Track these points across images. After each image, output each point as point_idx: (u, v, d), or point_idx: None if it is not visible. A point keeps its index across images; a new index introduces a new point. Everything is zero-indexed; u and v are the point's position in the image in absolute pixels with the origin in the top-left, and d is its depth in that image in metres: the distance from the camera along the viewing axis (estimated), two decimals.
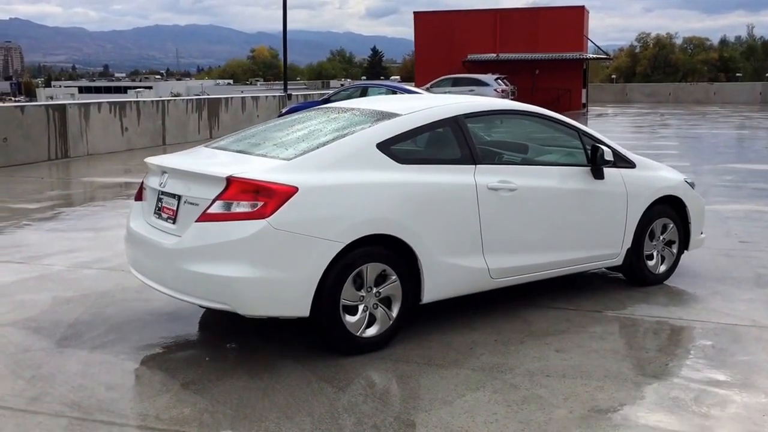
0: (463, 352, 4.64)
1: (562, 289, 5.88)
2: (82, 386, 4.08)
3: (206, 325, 5.14)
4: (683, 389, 4.09)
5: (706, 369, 4.39)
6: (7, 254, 7.08)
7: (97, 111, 15.86)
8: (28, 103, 16.02)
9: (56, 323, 5.08)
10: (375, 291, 4.54)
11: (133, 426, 3.63)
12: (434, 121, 5.02)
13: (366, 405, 3.89)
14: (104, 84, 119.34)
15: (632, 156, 5.96)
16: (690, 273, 6.45)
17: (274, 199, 4.19)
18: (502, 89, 30.95)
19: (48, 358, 4.47)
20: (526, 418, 3.74)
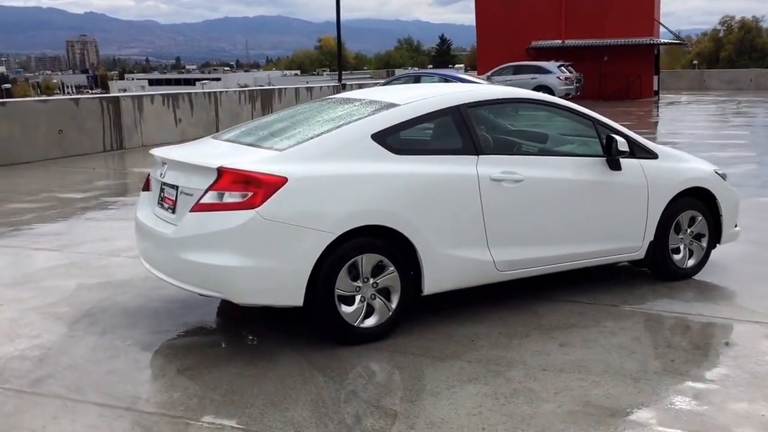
0: (464, 344, 4.59)
1: (583, 283, 5.75)
2: (84, 369, 4.21)
3: (220, 314, 5.21)
4: (683, 388, 3.96)
5: (713, 368, 4.24)
6: (45, 242, 7.34)
7: (150, 103, 16.25)
8: (81, 96, 16.51)
9: (74, 309, 5.25)
10: (372, 282, 4.53)
11: (122, 408, 3.73)
12: (434, 111, 4.97)
13: (352, 394, 3.90)
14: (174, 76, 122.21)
15: (654, 146, 5.77)
16: (726, 267, 6.23)
17: (264, 190, 4.23)
18: (566, 77, 30.38)
19: (58, 342, 4.62)
20: (510, 411, 3.69)
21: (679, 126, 21.61)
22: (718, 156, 13.08)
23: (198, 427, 3.54)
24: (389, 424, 3.57)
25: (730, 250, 6.48)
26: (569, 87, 30.04)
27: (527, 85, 29.02)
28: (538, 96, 5.65)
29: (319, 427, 3.53)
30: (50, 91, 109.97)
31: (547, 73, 29.72)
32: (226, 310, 5.21)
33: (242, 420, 3.61)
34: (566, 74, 30.23)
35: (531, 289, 5.56)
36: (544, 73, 29.67)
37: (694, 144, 16.17)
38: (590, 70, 35.53)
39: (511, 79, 29.45)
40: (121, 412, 3.69)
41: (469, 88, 5.60)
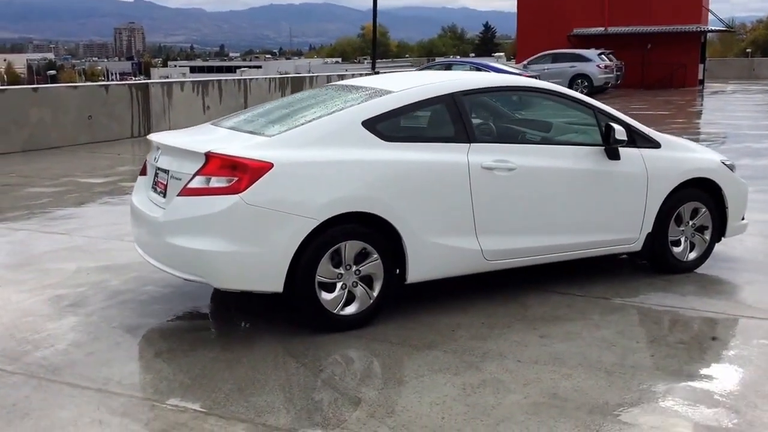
0: (444, 333, 4.57)
1: (578, 275, 5.68)
2: (65, 351, 4.30)
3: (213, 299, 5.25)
4: (656, 383, 3.88)
5: (693, 363, 4.15)
6: (56, 225, 7.49)
7: (180, 90, 16.43)
8: (111, 83, 16.77)
9: (68, 291, 5.35)
10: (355, 269, 4.53)
11: (93, 389, 3.79)
12: (427, 98, 4.93)
13: (320, 381, 3.92)
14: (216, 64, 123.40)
15: (657, 135, 5.65)
16: (732, 260, 6.11)
17: (248, 175, 4.25)
18: (606, 65, 29.84)
19: (46, 324, 4.72)
20: (474, 402, 3.67)
21: (718, 116, 21.09)
22: (752, 147, 12.74)
23: (162, 409, 3.59)
24: (350, 411, 3.58)
25: (736, 244, 6.33)
26: (609, 75, 29.56)
27: (565, 74, 28.74)
28: (536, 84, 5.57)
29: (280, 412, 3.56)
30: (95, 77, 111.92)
31: (587, 61, 29.24)
32: (218, 296, 5.25)
33: (206, 404, 3.65)
34: (606, 62, 29.70)
35: (523, 279, 5.51)
36: (584, 62, 29.20)
37: (730, 134, 15.81)
38: (633, 58, 34.87)
39: (549, 67, 29.09)
40: (91, 393, 3.76)
41: (464, 75, 5.54)
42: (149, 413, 3.55)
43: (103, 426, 3.43)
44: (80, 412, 3.55)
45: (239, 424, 3.45)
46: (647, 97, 28.10)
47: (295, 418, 3.51)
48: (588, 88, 28.16)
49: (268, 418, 3.50)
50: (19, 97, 13.43)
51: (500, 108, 5.64)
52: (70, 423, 3.45)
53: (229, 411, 3.57)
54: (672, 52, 36.45)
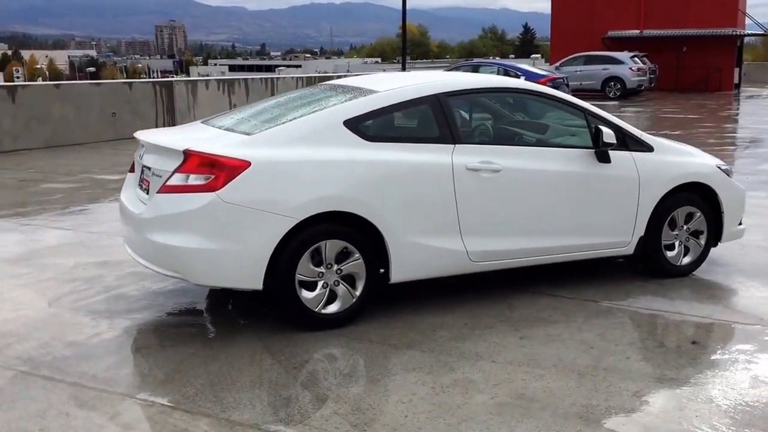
0: (424, 333, 4.58)
1: (570, 277, 5.65)
2: (47, 344, 4.40)
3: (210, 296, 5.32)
4: (626, 385, 3.86)
5: (667, 368, 4.10)
6: (63, 221, 7.66)
7: (205, 88, 16.64)
8: (136, 80, 17.02)
9: (61, 286, 5.48)
10: (336, 268, 4.57)
11: (67, 383, 3.88)
12: (412, 99, 4.94)
13: (292, 378, 3.96)
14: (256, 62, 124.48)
15: (651, 139, 5.58)
16: (730, 264, 6.04)
17: (225, 173, 4.31)
18: (639, 68, 29.46)
19: (34, 317, 4.84)
20: (441, 401, 3.68)
21: (748, 120, 20.75)
22: None
23: (130, 403, 3.67)
24: (316, 408, 3.62)
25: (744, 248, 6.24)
26: (642, 78, 29.18)
27: (598, 76, 28.48)
28: (525, 86, 5.55)
29: (246, 408, 3.61)
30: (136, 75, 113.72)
31: (619, 63, 28.89)
32: (215, 293, 5.29)
33: (174, 398, 3.71)
34: (639, 65, 29.32)
35: (514, 280, 5.51)
36: (616, 64, 28.86)
37: (756, 138, 15.55)
38: (667, 62, 34.38)
39: (582, 69, 28.85)
40: (64, 386, 3.85)
41: (451, 76, 5.54)
42: (117, 407, 3.62)
43: (70, 418, 3.51)
44: (50, 405, 3.64)
45: (203, 419, 3.51)
46: (681, 101, 27.67)
47: (260, 414, 3.56)
48: (621, 91, 27.88)
49: (232, 414, 3.55)
50: (42, 94, 13.73)
51: (488, 109, 5.63)
52: (38, 415, 3.54)
53: (196, 406, 3.63)
54: (707, 55, 35.84)
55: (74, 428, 3.42)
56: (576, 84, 27.72)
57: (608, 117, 5.46)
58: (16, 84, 14.14)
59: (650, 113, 22.82)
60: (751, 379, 3.96)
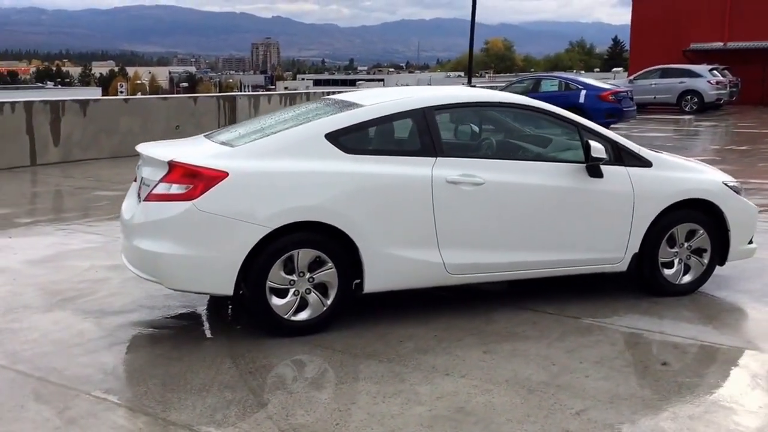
0: (391, 344, 4.61)
1: (565, 293, 5.56)
2: (34, 341, 4.65)
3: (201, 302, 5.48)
4: (572, 402, 3.79)
5: (625, 387, 4.00)
6: (97, 226, 8.04)
7: (267, 102, 17.10)
8: (200, 95, 17.62)
9: (68, 287, 5.76)
10: (308, 276, 4.65)
11: (35, 378, 4.11)
12: (396, 113, 5.00)
13: (242, 382, 4.06)
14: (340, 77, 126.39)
15: (649, 154, 5.44)
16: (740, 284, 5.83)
17: (203, 183, 4.48)
18: (718, 81, 28.39)
19: (32, 316, 5.11)
20: (377, 410, 3.71)
21: None
22: None
23: (82, 399, 3.84)
24: (253, 411, 3.71)
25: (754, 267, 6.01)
26: (721, 92, 28.09)
27: (674, 90, 27.63)
28: (515, 99, 5.48)
29: (186, 409, 3.73)
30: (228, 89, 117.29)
31: (697, 77, 27.90)
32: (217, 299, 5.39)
33: (124, 396, 3.88)
34: (718, 78, 28.26)
35: (501, 294, 5.48)
36: (694, 77, 27.88)
37: None
38: (752, 75, 32.99)
39: (657, 83, 28.03)
40: (32, 381, 4.07)
41: (438, 90, 5.56)
42: (69, 402, 3.81)
43: (23, 410, 3.72)
44: (10, 397, 3.86)
45: (142, 417, 3.65)
46: (763, 115, 26.53)
47: (197, 415, 3.67)
48: (698, 105, 26.95)
49: (171, 414, 3.68)
50: (111, 108, 14.42)
51: (477, 123, 5.62)
52: None
53: (141, 404, 3.78)
54: None
55: (22, 420, 3.62)
56: (650, 98, 27.02)
57: (602, 131, 5.36)
58: (87, 98, 14.87)
59: (724, 128, 22.00)
60: (709, 404, 3.81)
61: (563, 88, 18.98)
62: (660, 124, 22.79)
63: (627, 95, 19.06)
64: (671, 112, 26.99)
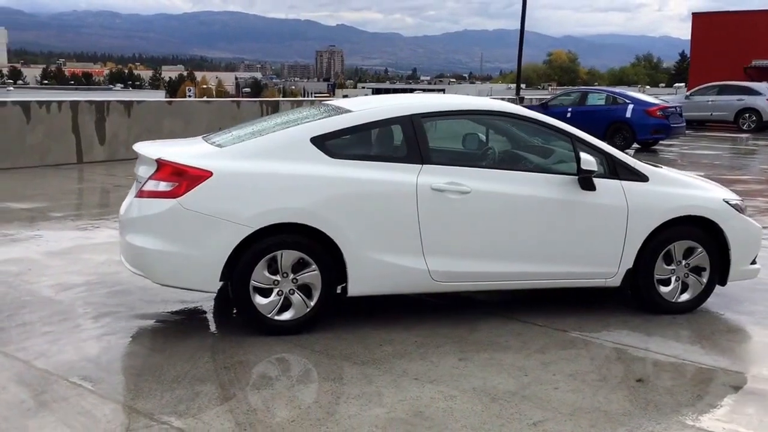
0: (370, 347, 4.67)
1: (557, 305, 5.56)
2: (27, 328, 4.86)
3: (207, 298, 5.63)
4: (531, 412, 3.79)
5: (592, 401, 3.97)
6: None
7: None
8: (243, 99, 17.97)
9: (78, 278, 6.00)
10: (292, 277, 4.75)
11: (22, 361, 4.30)
12: (384, 119, 5.08)
13: (214, 376, 4.17)
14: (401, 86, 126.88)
15: (646, 169, 5.38)
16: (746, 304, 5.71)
17: (188, 181, 4.62)
18: None
19: (36, 305, 5.33)
20: (336, 410, 3.78)
21: None
22: None
23: (59, 385, 4.01)
24: (216, 404, 3.81)
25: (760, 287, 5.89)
26: None
27: (731, 107, 26.96)
28: (506, 108, 5.44)
29: (153, 398, 3.86)
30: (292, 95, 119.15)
31: (756, 94, 27.14)
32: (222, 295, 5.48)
33: (99, 385, 4.01)
34: None
35: (493, 303, 5.48)
36: (753, 95, 27.13)
37: None
38: None
39: (715, 99, 27.38)
40: (18, 365, 4.26)
41: (428, 98, 5.62)
42: (46, 386, 3.98)
43: (3, 392, 3.91)
44: None
45: (110, 404, 3.80)
46: None
47: (163, 405, 3.79)
48: (756, 123, 26.23)
49: (138, 402, 3.82)
50: (155, 109, 14.86)
51: (469, 132, 5.64)
52: None
53: (112, 392, 3.93)
54: None
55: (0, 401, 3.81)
56: (707, 114, 26.42)
57: (597, 144, 5.33)
58: (131, 100, 15.36)
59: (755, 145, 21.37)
60: (672, 422, 3.77)
61: (610, 102, 18.71)
62: (713, 141, 22.26)
63: (676, 111, 18.70)
64: (728, 130, 26.33)
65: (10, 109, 13.11)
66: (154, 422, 3.60)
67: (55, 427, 3.54)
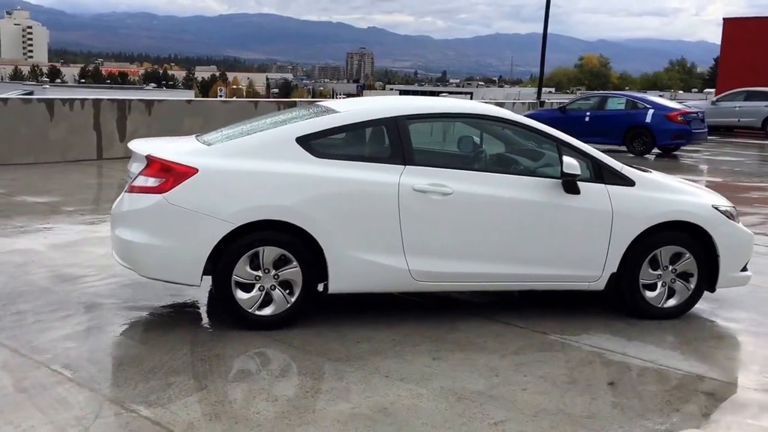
0: (347, 344, 4.74)
1: (543, 308, 5.59)
2: (20, 313, 5.04)
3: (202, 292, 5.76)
4: (494, 414, 3.84)
5: (558, 403, 4.01)
6: None
7: None
8: (261, 99, 18.14)
9: (76, 270, 6.15)
10: (273, 273, 4.85)
11: (9, 349, 4.44)
12: (368, 120, 5.16)
13: (190, 368, 4.28)
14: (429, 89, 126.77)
15: (633, 173, 5.39)
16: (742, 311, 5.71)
17: (174, 177, 4.75)
18: None
19: (31, 293, 5.49)
20: (302, 404, 3.87)
21: None
22: None
23: (41, 371, 4.14)
24: (186, 395, 3.91)
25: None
26: None
27: (759, 113, 26.57)
28: (491, 112, 5.49)
29: (127, 388, 3.98)
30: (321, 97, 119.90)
31: None
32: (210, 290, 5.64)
33: (78, 374, 4.13)
34: None
35: (477, 304, 5.53)
36: None
37: None
38: None
39: (741, 105, 26.98)
40: (5, 352, 4.40)
41: (414, 100, 5.70)
42: (28, 373, 4.11)
43: None
44: None
45: (86, 392, 3.91)
46: None
47: (135, 394, 3.90)
48: None
49: (112, 391, 3.94)
50: (175, 108, 15.09)
51: (456, 134, 5.69)
52: None
53: (89, 381, 4.05)
54: None
55: None
56: (734, 120, 26.09)
57: (583, 147, 5.35)
58: (152, 99, 15.61)
59: None
60: (634, 425, 3.79)
61: (629, 106, 18.56)
62: (738, 147, 21.98)
63: (697, 116, 18.49)
64: (756, 137, 25.96)
65: (35, 107, 13.43)
66: (124, 410, 3.71)
67: (28, 413, 3.66)
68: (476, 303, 5.69)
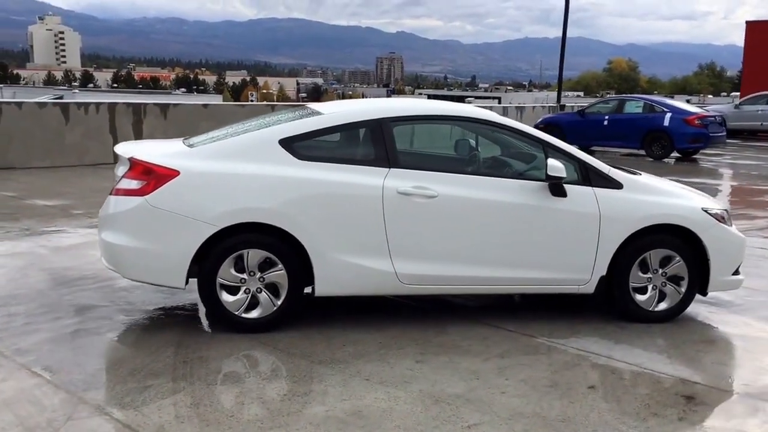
0: (333, 347, 4.75)
1: (533, 311, 5.56)
2: (11, 315, 5.12)
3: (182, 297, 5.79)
4: (467, 417, 3.82)
5: (535, 407, 3.97)
6: None
7: None
8: (278, 103, 18.24)
9: (74, 273, 6.24)
10: (259, 276, 4.87)
11: None
12: (352, 122, 5.16)
13: (171, 371, 4.29)
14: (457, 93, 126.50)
15: (621, 176, 5.32)
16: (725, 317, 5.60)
17: (155, 179, 4.79)
18: None
19: (26, 296, 5.57)
20: (278, 407, 3.87)
21: None
22: None
23: (23, 373, 4.20)
24: (161, 398, 3.93)
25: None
26: None
27: None
28: (477, 114, 5.46)
29: (104, 390, 4.02)
30: None
31: None
32: None
33: (58, 376, 4.17)
34: None
35: (469, 309, 5.50)
36: None
37: None
38: None
39: (764, 109, 26.60)
40: None
41: (399, 102, 5.69)
42: (9, 375, 4.17)
43: None
44: None
45: (62, 394, 3.95)
46: None
47: (111, 396, 3.94)
48: None
49: (89, 393, 3.97)
50: (191, 112, 15.28)
51: (439, 136, 5.67)
52: None
53: (68, 383, 4.08)
54: None
55: None
56: (756, 124, 25.71)
57: (570, 150, 5.30)
58: (167, 102, 15.79)
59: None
60: (610, 429, 3.74)
61: (647, 110, 18.35)
62: (759, 151, 21.62)
63: (716, 120, 18.26)
64: None
65: (50, 111, 13.66)
66: (97, 413, 3.75)
67: (1, 415, 3.69)
68: (468, 306, 5.68)
